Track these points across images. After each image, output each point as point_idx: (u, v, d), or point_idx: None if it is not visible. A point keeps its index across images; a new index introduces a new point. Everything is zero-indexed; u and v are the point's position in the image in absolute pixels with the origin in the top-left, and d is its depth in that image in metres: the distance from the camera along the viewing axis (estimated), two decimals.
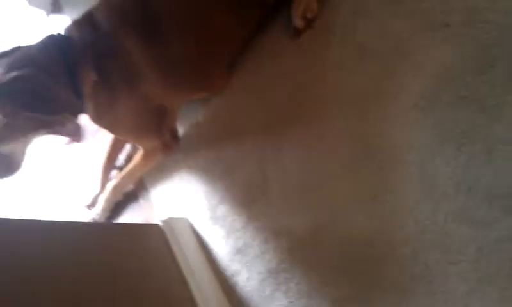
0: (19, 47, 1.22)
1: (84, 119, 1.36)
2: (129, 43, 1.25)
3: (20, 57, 1.18)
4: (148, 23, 1.26)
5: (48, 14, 2.48)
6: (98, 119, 1.35)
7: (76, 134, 1.37)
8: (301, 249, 1.18)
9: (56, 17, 2.46)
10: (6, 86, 1.13)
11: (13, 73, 1.12)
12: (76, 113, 1.30)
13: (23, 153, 1.31)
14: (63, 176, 2.06)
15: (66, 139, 1.41)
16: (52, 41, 1.24)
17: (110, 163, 1.77)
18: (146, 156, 1.57)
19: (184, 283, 1.29)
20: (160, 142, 1.49)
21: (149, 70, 1.28)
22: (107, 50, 1.25)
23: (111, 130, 1.45)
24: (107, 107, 1.32)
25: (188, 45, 1.31)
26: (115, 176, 1.72)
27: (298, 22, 1.33)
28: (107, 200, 1.67)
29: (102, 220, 1.70)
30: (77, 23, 1.28)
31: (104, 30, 1.25)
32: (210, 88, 1.50)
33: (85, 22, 1.28)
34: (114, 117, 1.35)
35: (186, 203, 1.50)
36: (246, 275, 1.27)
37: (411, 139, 1.07)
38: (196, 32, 1.30)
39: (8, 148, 1.24)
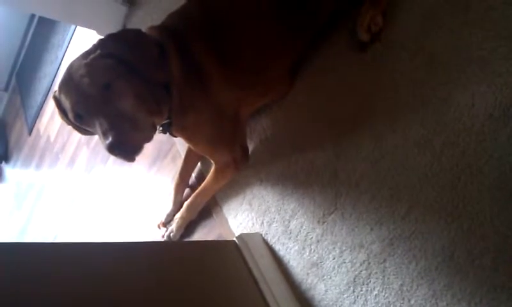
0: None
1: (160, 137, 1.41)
2: (196, 47, 1.32)
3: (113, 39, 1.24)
4: (212, 30, 1.34)
5: None
6: (182, 117, 1.37)
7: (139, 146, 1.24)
8: (377, 262, 1.19)
9: None
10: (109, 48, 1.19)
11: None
12: (163, 102, 1.28)
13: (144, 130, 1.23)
14: (137, 197, 2.17)
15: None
16: (139, 31, 1.31)
17: (183, 182, 1.84)
18: (218, 173, 1.62)
19: (262, 297, 1.32)
20: (232, 158, 1.54)
21: (217, 72, 1.34)
22: (183, 52, 1.31)
23: (190, 135, 1.49)
24: (189, 107, 1.36)
25: (245, 50, 1.38)
26: (188, 195, 1.80)
27: (363, 36, 1.34)
28: (182, 218, 1.74)
29: (177, 238, 1.77)
30: (152, 27, 1.36)
31: (177, 34, 1.32)
32: (273, 92, 1.55)
33: (158, 27, 1.36)
34: (195, 119, 1.40)
35: (258, 218, 1.53)
36: (323, 288, 1.28)
37: (488, 149, 1.05)
38: (249, 38, 1.37)
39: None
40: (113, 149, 1.11)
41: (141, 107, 1.18)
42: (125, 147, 1.14)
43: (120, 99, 1.14)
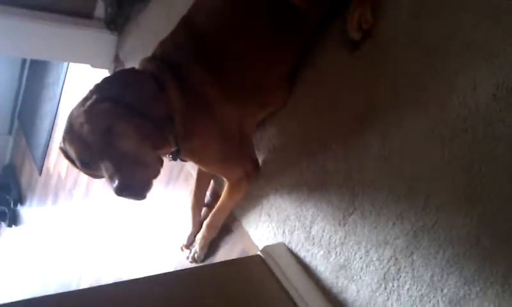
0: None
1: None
2: (192, 72, 1.33)
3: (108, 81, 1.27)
4: (204, 52, 1.35)
5: (111, 72, 2.63)
6: (188, 142, 1.38)
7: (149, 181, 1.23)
8: (405, 256, 1.19)
9: None
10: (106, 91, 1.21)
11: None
12: (167, 132, 1.29)
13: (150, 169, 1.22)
14: (155, 222, 2.18)
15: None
16: (133, 70, 1.34)
17: (198, 202, 1.85)
18: (232, 189, 1.63)
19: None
20: (243, 172, 1.55)
21: (215, 94, 1.35)
22: (180, 80, 1.32)
23: (199, 158, 1.50)
24: (194, 132, 1.37)
25: (240, 64, 1.39)
26: (206, 214, 1.81)
27: (355, 35, 1.33)
28: (204, 238, 1.75)
29: (202, 258, 1.78)
30: (145, 60, 1.37)
31: (171, 63, 1.33)
32: (274, 101, 1.55)
33: (151, 59, 1.37)
34: (201, 142, 1.42)
35: (279, 228, 1.54)
36: (355, 289, 1.29)
37: (496, 130, 1.05)
38: (242, 52, 1.39)
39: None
40: (121, 191, 1.11)
41: (144, 144, 1.18)
42: (133, 187, 1.14)
43: (121, 140, 1.14)
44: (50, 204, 3.52)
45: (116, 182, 1.10)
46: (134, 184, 1.14)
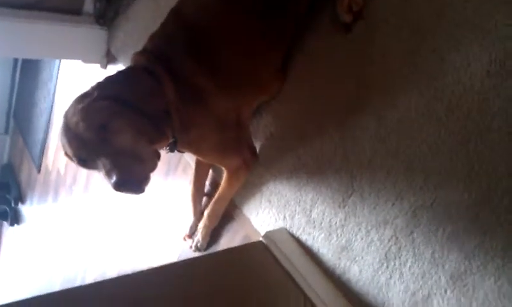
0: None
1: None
2: (184, 64, 1.33)
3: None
4: (194, 42, 1.34)
5: (103, 66, 2.62)
6: (185, 134, 1.38)
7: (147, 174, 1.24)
8: (405, 235, 1.20)
9: (112, 67, 2.60)
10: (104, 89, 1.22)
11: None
12: (164, 125, 1.29)
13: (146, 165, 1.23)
14: (156, 213, 2.19)
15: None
16: (127, 69, 1.34)
17: (198, 192, 1.86)
18: (231, 177, 1.63)
19: (299, 289, 1.35)
20: (241, 160, 1.55)
21: (208, 85, 1.35)
22: (174, 73, 1.32)
23: (196, 149, 1.51)
24: (191, 124, 1.37)
25: (232, 53, 1.38)
26: (206, 203, 1.82)
27: (345, 17, 1.33)
28: (206, 227, 1.76)
29: (205, 246, 1.79)
30: (137, 54, 1.37)
31: (164, 56, 1.33)
32: (267, 89, 1.55)
33: (142, 52, 1.37)
34: (198, 134, 1.41)
35: (280, 213, 1.55)
36: (357, 269, 1.30)
37: (492, 106, 1.05)
38: (234, 42, 1.38)
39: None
40: (119, 187, 1.12)
41: (140, 139, 1.19)
42: (131, 182, 1.15)
43: (117, 136, 1.15)
44: (51, 201, 3.53)
45: (114, 178, 1.11)
46: (131, 179, 1.15)
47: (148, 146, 1.21)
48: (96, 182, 2.78)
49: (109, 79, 1.27)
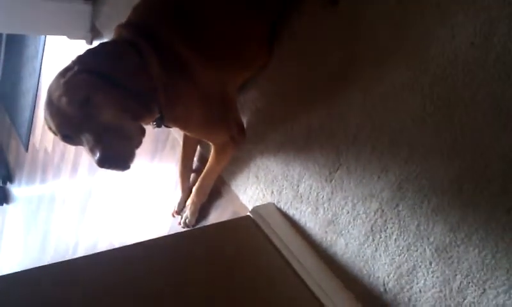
0: None
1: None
2: (169, 36, 1.30)
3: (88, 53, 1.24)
4: (181, 15, 1.32)
5: (89, 42, 2.58)
6: (171, 109, 1.36)
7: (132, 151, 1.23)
8: (390, 208, 1.21)
9: (97, 42, 2.56)
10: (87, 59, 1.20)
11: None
12: (149, 100, 1.27)
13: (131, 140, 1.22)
14: (145, 191, 2.19)
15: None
16: (111, 41, 1.31)
17: (186, 168, 1.85)
18: (218, 153, 1.63)
19: (286, 263, 1.36)
20: (229, 135, 1.54)
21: (193, 57, 1.33)
22: (158, 46, 1.29)
23: (183, 124, 1.49)
24: (177, 99, 1.36)
25: (217, 26, 1.37)
26: (194, 180, 1.82)
27: None
28: (194, 203, 1.76)
29: (193, 222, 1.80)
30: (120, 27, 1.34)
31: (148, 29, 1.30)
32: (255, 63, 1.54)
33: (126, 25, 1.34)
34: (185, 109, 1.40)
35: (267, 188, 1.56)
36: (344, 242, 1.31)
37: (476, 78, 1.05)
38: (219, 14, 1.37)
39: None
40: (103, 163, 1.10)
41: (124, 115, 1.17)
42: (116, 158, 1.14)
43: (100, 112, 1.13)
44: (39, 179, 3.52)
45: (98, 154, 1.09)
46: (116, 155, 1.13)
47: (132, 121, 1.19)
48: (85, 160, 2.77)
49: (90, 52, 1.24)
